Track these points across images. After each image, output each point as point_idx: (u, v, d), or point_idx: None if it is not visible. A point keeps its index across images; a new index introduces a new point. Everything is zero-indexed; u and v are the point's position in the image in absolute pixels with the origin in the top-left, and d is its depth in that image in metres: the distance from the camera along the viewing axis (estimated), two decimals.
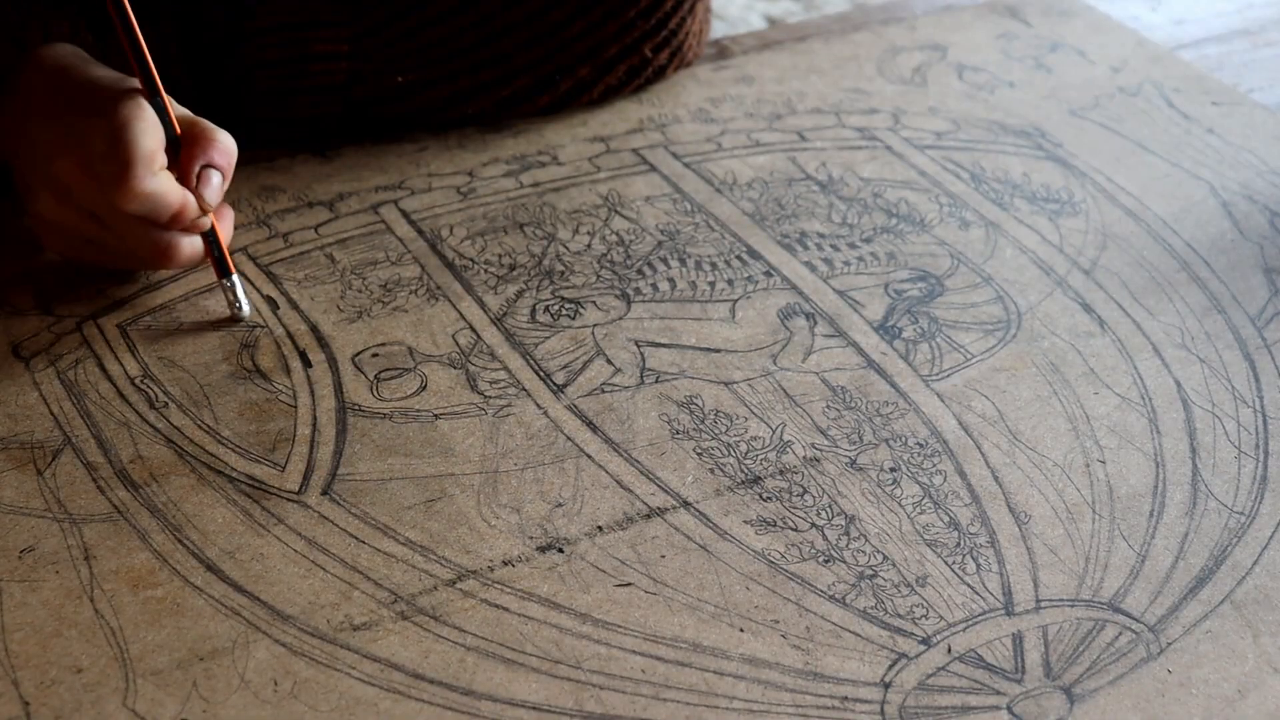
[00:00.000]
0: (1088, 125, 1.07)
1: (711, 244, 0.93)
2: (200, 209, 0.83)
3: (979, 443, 0.78)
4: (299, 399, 0.80)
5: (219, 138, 0.84)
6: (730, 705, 0.64)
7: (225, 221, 0.88)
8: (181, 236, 0.84)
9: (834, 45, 1.17)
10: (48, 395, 0.80)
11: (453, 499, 0.74)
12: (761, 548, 0.72)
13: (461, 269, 0.91)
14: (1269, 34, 1.22)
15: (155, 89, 0.82)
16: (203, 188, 0.83)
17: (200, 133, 0.84)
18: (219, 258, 0.86)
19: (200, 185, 0.83)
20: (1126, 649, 0.67)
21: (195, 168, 0.83)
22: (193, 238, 0.85)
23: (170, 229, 0.83)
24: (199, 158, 0.83)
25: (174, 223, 0.83)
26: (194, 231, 0.84)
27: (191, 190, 0.83)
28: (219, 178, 0.84)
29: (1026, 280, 0.91)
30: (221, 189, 0.84)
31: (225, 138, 0.84)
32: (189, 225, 0.83)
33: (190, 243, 0.85)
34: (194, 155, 0.83)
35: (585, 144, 1.03)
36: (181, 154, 0.83)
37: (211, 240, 0.85)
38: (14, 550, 0.71)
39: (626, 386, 0.82)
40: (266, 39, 0.97)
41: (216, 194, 0.84)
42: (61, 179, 0.82)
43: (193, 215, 0.83)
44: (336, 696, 0.64)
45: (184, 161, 0.83)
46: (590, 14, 1.02)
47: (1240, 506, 0.75)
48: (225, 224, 0.88)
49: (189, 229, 0.84)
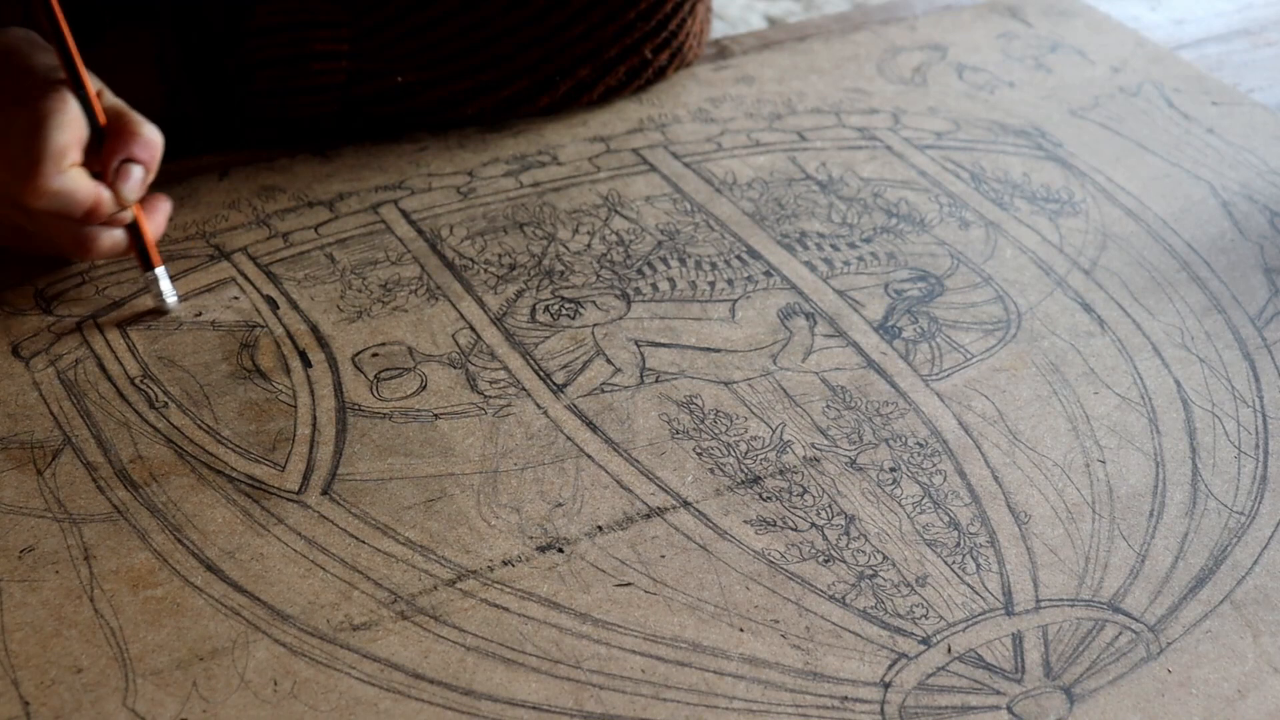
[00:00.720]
0: (1088, 125, 1.07)
1: (711, 244, 0.93)
2: (118, 203, 0.83)
3: (979, 443, 0.78)
4: (299, 399, 0.80)
5: (142, 131, 0.84)
6: (730, 705, 0.64)
7: (157, 214, 0.88)
8: (100, 230, 0.84)
9: (834, 45, 1.18)
10: (48, 395, 0.80)
11: (453, 499, 0.74)
12: (761, 548, 0.72)
13: (461, 269, 0.91)
14: (1269, 34, 1.22)
15: (79, 80, 0.82)
16: (120, 182, 0.83)
17: (124, 126, 0.84)
18: (141, 250, 0.86)
19: (119, 180, 0.83)
20: (1126, 649, 0.67)
21: (115, 162, 0.83)
22: (113, 230, 0.85)
23: (87, 223, 0.83)
24: (119, 152, 0.83)
25: (89, 217, 0.83)
26: (115, 225, 0.85)
27: (109, 184, 0.83)
28: (140, 172, 0.83)
29: (1026, 280, 0.91)
30: (143, 183, 0.84)
31: (149, 131, 0.84)
32: (109, 219, 0.84)
33: (110, 235, 0.85)
34: (115, 149, 0.83)
35: (585, 144, 1.03)
36: (103, 148, 0.83)
37: (135, 233, 0.86)
38: (14, 550, 0.71)
39: (626, 386, 0.82)
40: (266, 39, 0.97)
41: (136, 188, 0.84)
42: None
43: (109, 210, 0.83)
44: (336, 696, 0.64)
45: (104, 155, 0.83)
46: (590, 15, 1.02)
47: (1240, 506, 0.75)
48: (158, 216, 0.88)
49: (109, 223, 0.84)
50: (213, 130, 1.00)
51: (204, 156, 1.00)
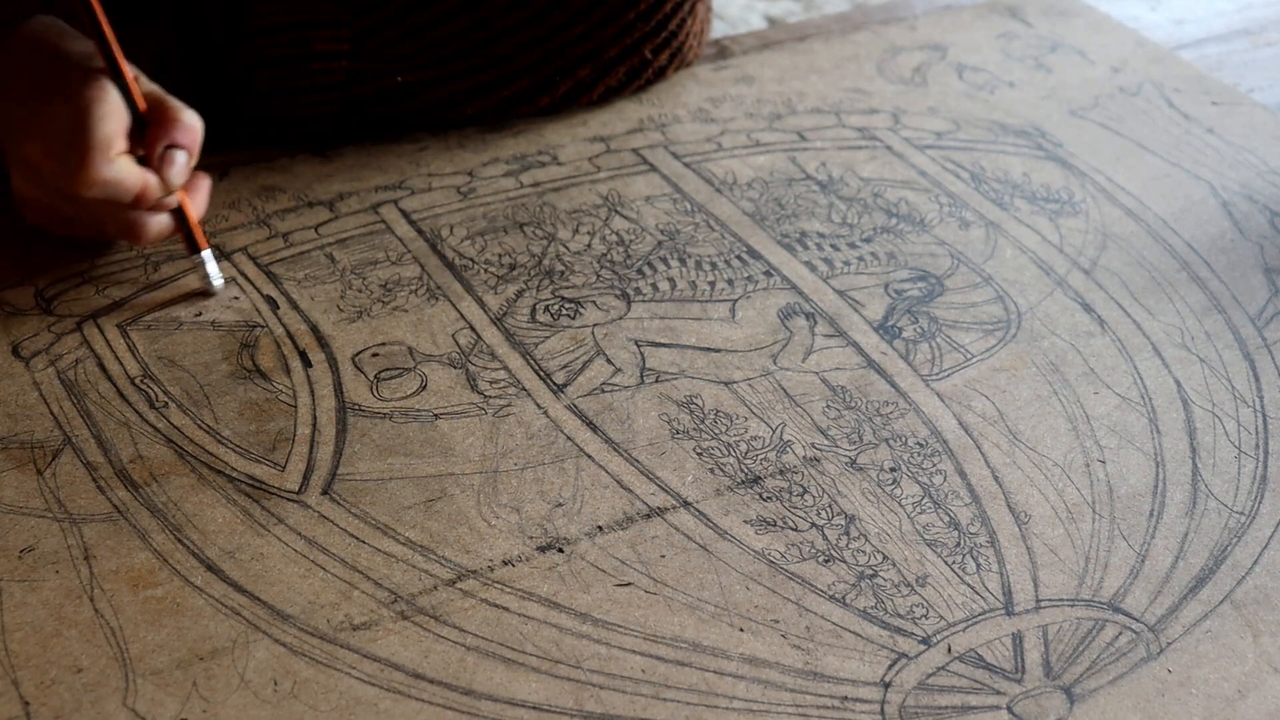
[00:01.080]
0: (1088, 125, 1.07)
1: (711, 244, 0.93)
2: (165, 189, 0.84)
3: (979, 442, 0.78)
4: (299, 399, 0.80)
5: (183, 117, 0.85)
6: (730, 705, 0.64)
7: (199, 195, 0.89)
8: (148, 215, 0.85)
9: (834, 45, 1.17)
10: (48, 395, 0.80)
11: (453, 499, 0.74)
12: (761, 547, 0.72)
13: (461, 269, 0.91)
14: (1269, 34, 1.22)
15: (118, 68, 0.83)
16: (166, 168, 0.84)
17: (165, 112, 0.85)
18: (188, 234, 0.87)
19: (164, 166, 0.84)
20: (1126, 649, 0.67)
21: (159, 148, 0.84)
22: (160, 215, 0.86)
23: (135, 209, 0.84)
24: (163, 138, 0.84)
25: (138, 203, 0.84)
26: (162, 210, 0.86)
27: (155, 170, 0.84)
28: (184, 156, 0.85)
29: (1026, 280, 0.91)
30: (187, 167, 0.85)
31: (190, 116, 0.85)
32: (156, 204, 0.85)
33: (157, 220, 0.86)
34: (158, 136, 0.84)
35: (585, 144, 1.03)
36: (146, 135, 0.84)
37: (180, 217, 0.87)
38: (14, 550, 0.71)
39: (626, 386, 0.82)
40: (266, 39, 0.97)
41: (181, 173, 0.85)
42: (30, 160, 0.83)
43: (157, 195, 0.84)
44: (336, 696, 0.64)
45: (148, 142, 0.84)
46: (590, 15, 1.02)
47: (1240, 506, 0.75)
48: (199, 198, 0.89)
49: (156, 207, 0.85)
50: (213, 130, 1.00)
51: (204, 156, 1.00)
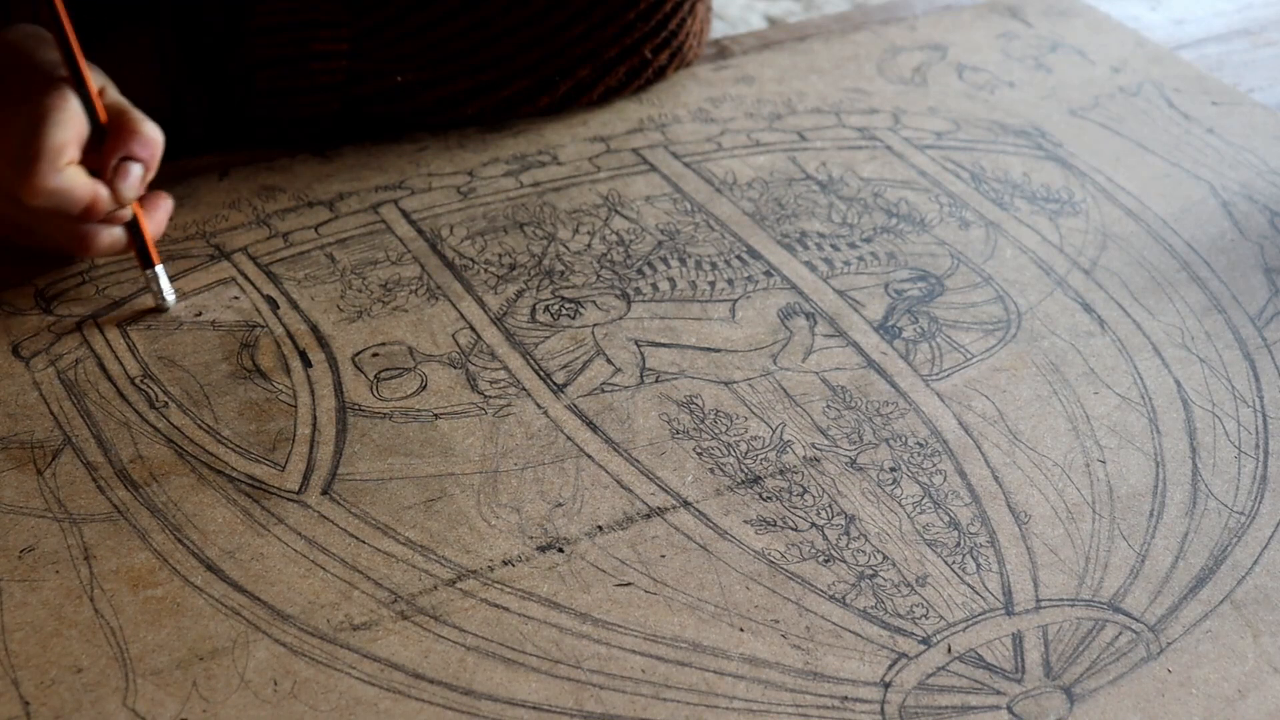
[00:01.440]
0: (1088, 125, 1.07)
1: (711, 244, 0.93)
2: (117, 201, 0.83)
3: (979, 442, 0.78)
4: (299, 399, 0.80)
5: (143, 129, 0.84)
6: (730, 705, 0.64)
7: (159, 211, 0.88)
8: (99, 227, 0.84)
9: (834, 45, 1.18)
10: (48, 395, 0.80)
11: (453, 499, 0.74)
12: (761, 547, 0.72)
13: (461, 269, 0.91)
14: (1269, 34, 1.22)
15: (81, 78, 0.82)
16: (119, 180, 0.83)
17: (124, 124, 0.84)
18: (141, 248, 0.86)
19: (117, 178, 0.83)
20: (1126, 649, 0.67)
21: (114, 160, 0.83)
22: (112, 228, 0.85)
23: (86, 220, 0.83)
24: (119, 150, 0.83)
25: (87, 214, 0.83)
26: (114, 223, 0.85)
27: (107, 182, 0.83)
28: (138, 169, 0.83)
29: (1026, 280, 0.91)
30: (141, 181, 0.84)
31: (150, 129, 0.84)
32: (107, 217, 0.84)
33: (109, 233, 0.85)
34: (114, 147, 0.83)
35: (585, 144, 1.03)
36: (104, 146, 0.83)
37: (134, 231, 0.86)
38: (14, 550, 0.71)
39: (626, 386, 0.82)
40: (266, 39, 0.97)
41: (134, 186, 0.83)
42: None
43: (107, 208, 0.83)
44: (336, 696, 0.64)
45: (104, 153, 0.83)
46: (590, 15, 1.02)
47: (1240, 506, 0.75)
48: (158, 214, 0.88)
49: (108, 220, 0.84)
50: (213, 130, 1.00)
51: (204, 156, 1.00)
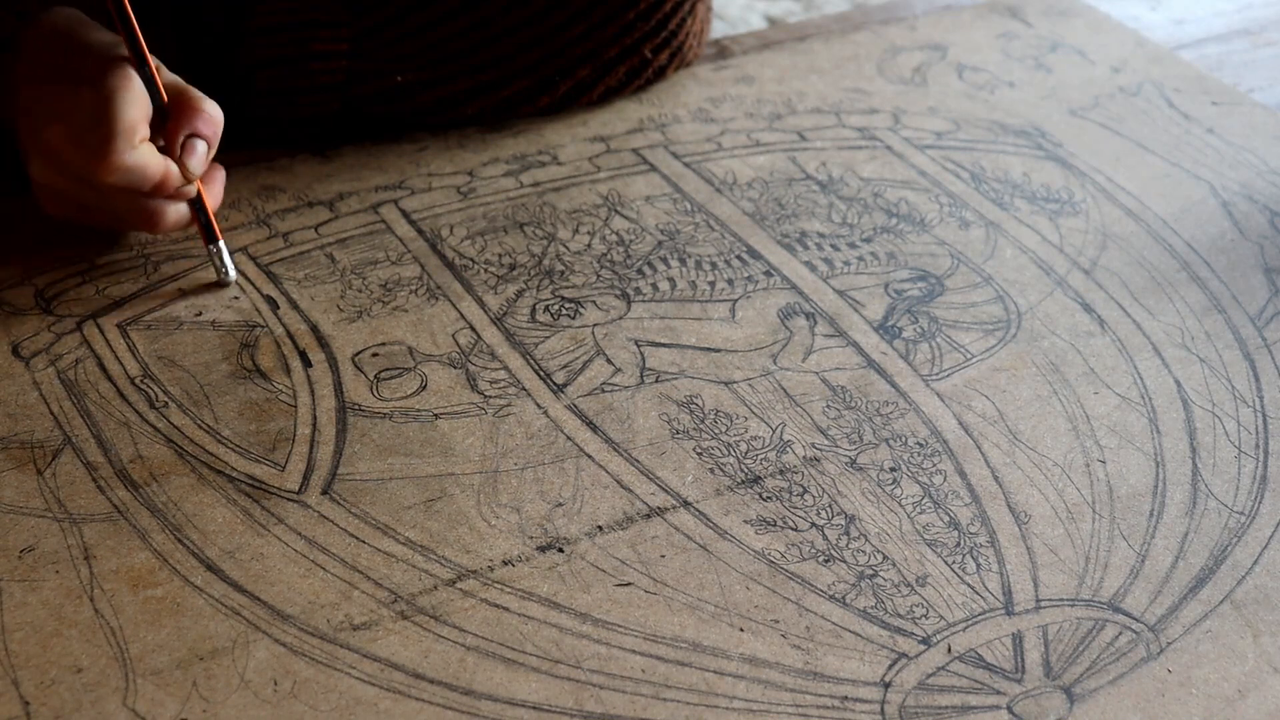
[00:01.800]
0: (1088, 125, 1.07)
1: (711, 244, 0.93)
2: (184, 178, 0.85)
3: (979, 442, 0.78)
4: (299, 399, 0.80)
5: (205, 107, 0.85)
6: (730, 705, 0.64)
7: (215, 185, 0.89)
8: (166, 204, 0.86)
9: (834, 45, 1.18)
10: (48, 395, 0.80)
11: (453, 499, 0.74)
12: (761, 547, 0.72)
13: (461, 269, 0.91)
14: (1269, 34, 1.22)
15: (143, 57, 0.84)
16: (187, 157, 0.84)
17: (186, 102, 0.85)
18: (205, 223, 0.88)
19: (184, 155, 0.84)
20: (1126, 649, 0.67)
21: (180, 138, 0.84)
22: (178, 205, 0.87)
23: (154, 197, 0.85)
24: (184, 127, 0.85)
25: (157, 191, 0.84)
26: (179, 199, 0.86)
27: (175, 160, 0.84)
28: (204, 147, 0.85)
29: (1026, 280, 0.91)
30: (206, 158, 0.86)
31: (211, 106, 0.86)
32: (174, 193, 0.85)
33: (175, 209, 0.87)
34: (179, 125, 0.85)
35: (585, 144, 1.03)
36: (168, 124, 0.85)
37: (198, 207, 0.87)
38: (14, 550, 0.71)
39: (626, 386, 0.82)
40: (266, 39, 0.97)
41: (201, 163, 0.85)
42: (52, 146, 0.83)
43: (176, 184, 0.85)
44: (336, 696, 0.64)
45: (169, 131, 0.85)
46: (590, 15, 1.02)
47: (1240, 506, 0.75)
48: (215, 188, 0.89)
49: (174, 196, 0.86)
50: None
51: None
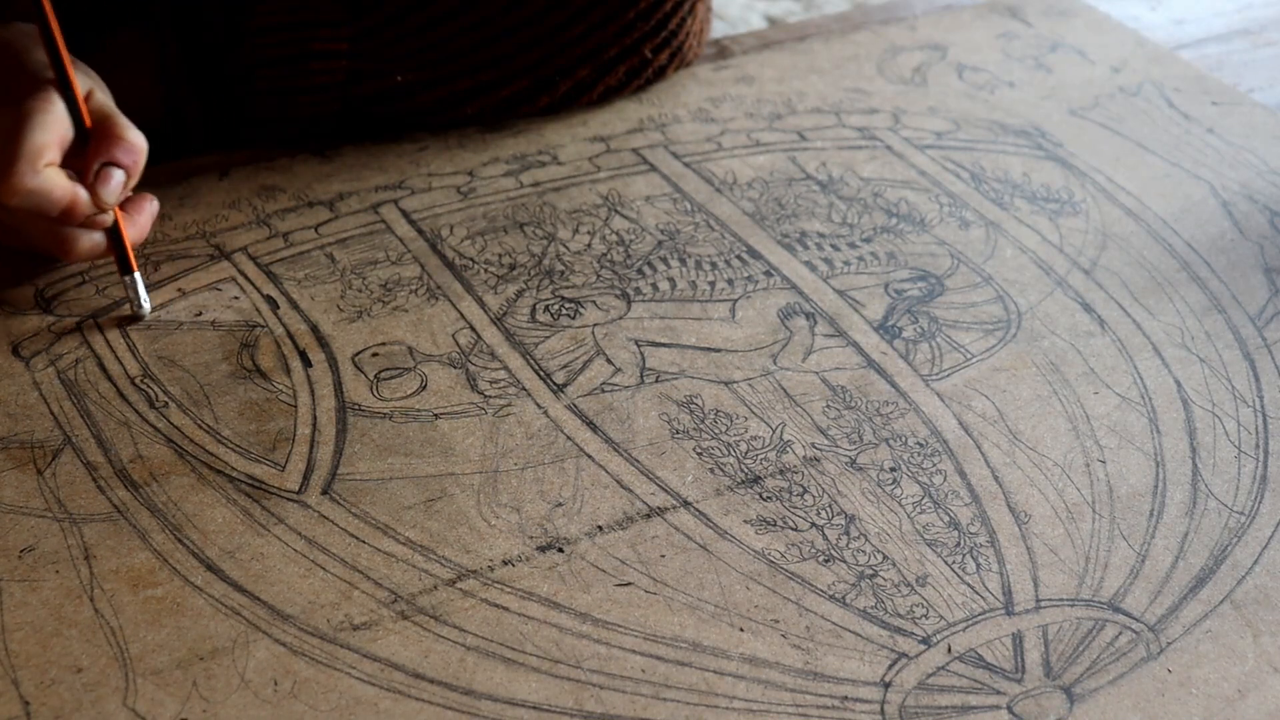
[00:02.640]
0: (1088, 125, 1.07)
1: (711, 244, 0.93)
2: (97, 206, 0.83)
3: (979, 442, 0.78)
4: (299, 398, 0.80)
5: (127, 135, 0.84)
6: (730, 705, 0.64)
7: (141, 216, 0.88)
8: (79, 231, 0.84)
9: (834, 45, 1.18)
10: (48, 395, 0.80)
11: (453, 499, 0.74)
12: (761, 547, 0.72)
13: (461, 269, 0.91)
14: (1269, 34, 1.22)
15: (67, 80, 0.83)
16: (100, 185, 0.83)
17: (109, 129, 0.84)
18: (120, 254, 0.86)
19: (98, 183, 0.83)
20: (1126, 649, 0.67)
21: (96, 165, 0.83)
22: (91, 232, 0.85)
23: (64, 223, 0.83)
24: (101, 154, 0.83)
25: (66, 218, 0.83)
26: (94, 227, 0.85)
27: (88, 187, 0.83)
28: (120, 175, 0.83)
29: (1026, 280, 0.91)
30: (123, 187, 0.84)
31: (133, 135, 0.84)
32: (87, 221, 0.84)
33: (89, 237, 0.85)
34: (97, 152, 0.83)
35: (585, 144, 1.03)
36: (87, 150, 0.83)
37: (114, 236, 0.86)
38: (14, 550, 0.71)
39: (626, 386, 0.82)
40: (266, 38, 0.97)
41: (115, 192, 0.83)
42: None
43: (86, 211, 0.83)
44: (336, 696, 0.64)
45: (86, 157, 0.83)
46: (590, 15, 1.02)
47: (1240, 506, 0.75)
48: (141, 219, 0.88)
49: (87, 224, 0.84)
50: (213, 130, 1.00)
51: (204, 156, 1.00)
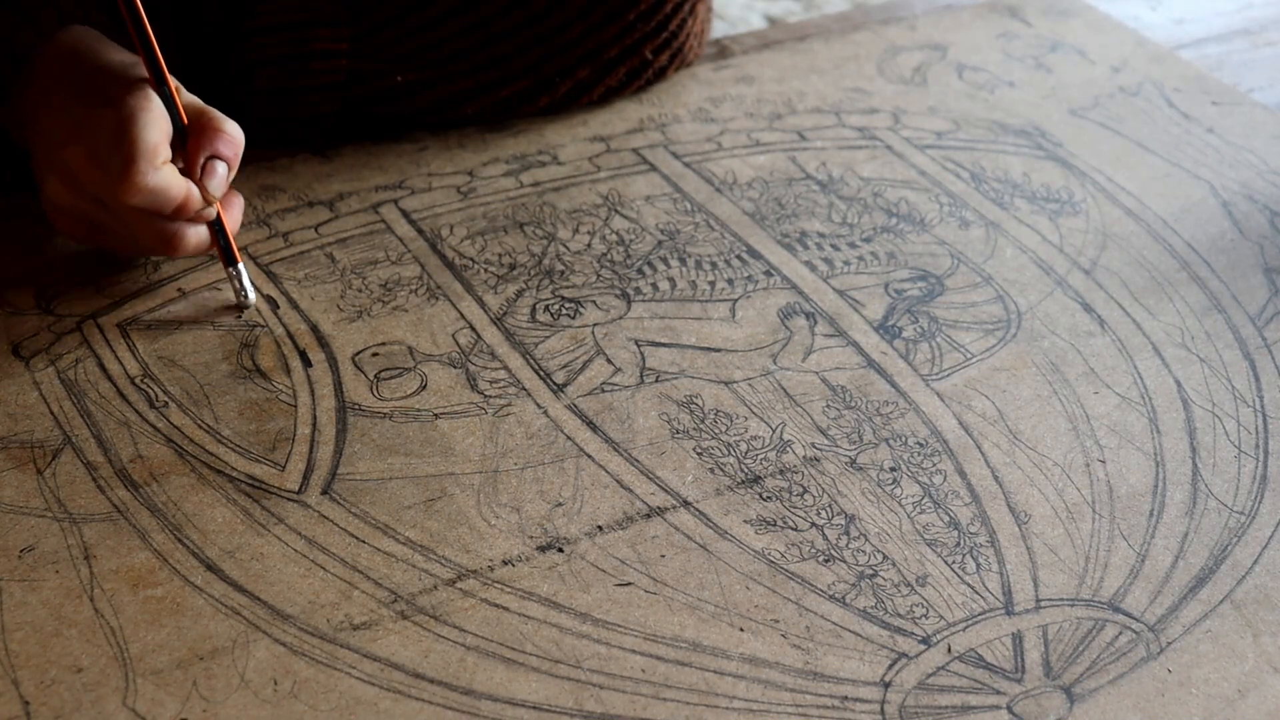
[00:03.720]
0: (1088, 125, 1.07)
1: (711, 243, 0.93)
2: (205, 200, 0.84)
3: (979, 442, 0.78)
4: (299, 398, 0.80)
5: (225, 128, 0.84)
6: (730, 705, 0.64)
7: (234, 209, 0.88)
8: (187, 226, 0.85)
9: (834, 45, 1.18)
10: (48, 395, 0.80)
11: (453, 498, 0.74)
12: (761, 547, 0.72)
13: (461, 268, 0.91)
14: (1269, 34, 1.22)
15: (162, 78, 0.83)
16: (207, 179, 0.83)
17: (207, 123, 0.84)
18: (225, 246, 0.86)
19: (205, 177, 0.83)
20: (1126, 649, 0.67)
21: (201, 159, 0.83)
22: (198, 227, 0.85)
23: (175, 219, 0.84)
24: (205, 149, 0.83)
25: (178, 214, 0.83)
26: (199, 221, 0.85)
27: (196, 181, 0.83)
28: (224, 169, 0.84)
29: (1026, 280, 0.91)
30: (227, 180, 0.85)
31: (232, 128, 0.85)
32: (194, 215, 0.84)
33: (196, 232, 0.85)
34: (200, 146, 0.83)
35: (585, 144, 1.03)
36: (188, 145, 0.84)
37: (218, 229, 0.86)
38: (14, 550, 0.71)
39: (626, 386, 0.82)
40: (266, 38, 0.97)
41: (221, 185, 0.84)
42: (70, 166, 0.82)
43: (197, 206, 0.83)
44: (336, 696, 0.64)
45: (190, 153, 0.83)
46: (590, 16, 1.02)
47: (1240, 506, 0.75)
48: (234, 212, 0.88)
49: (194, 219, 0.85)
50: None
51: None
